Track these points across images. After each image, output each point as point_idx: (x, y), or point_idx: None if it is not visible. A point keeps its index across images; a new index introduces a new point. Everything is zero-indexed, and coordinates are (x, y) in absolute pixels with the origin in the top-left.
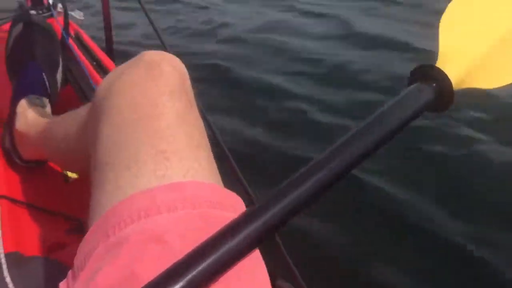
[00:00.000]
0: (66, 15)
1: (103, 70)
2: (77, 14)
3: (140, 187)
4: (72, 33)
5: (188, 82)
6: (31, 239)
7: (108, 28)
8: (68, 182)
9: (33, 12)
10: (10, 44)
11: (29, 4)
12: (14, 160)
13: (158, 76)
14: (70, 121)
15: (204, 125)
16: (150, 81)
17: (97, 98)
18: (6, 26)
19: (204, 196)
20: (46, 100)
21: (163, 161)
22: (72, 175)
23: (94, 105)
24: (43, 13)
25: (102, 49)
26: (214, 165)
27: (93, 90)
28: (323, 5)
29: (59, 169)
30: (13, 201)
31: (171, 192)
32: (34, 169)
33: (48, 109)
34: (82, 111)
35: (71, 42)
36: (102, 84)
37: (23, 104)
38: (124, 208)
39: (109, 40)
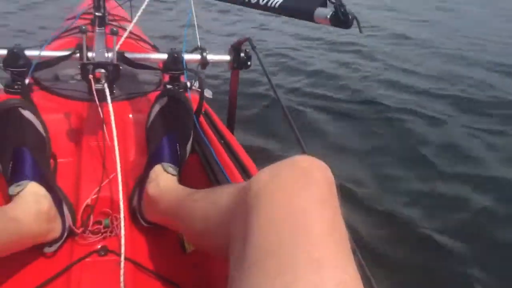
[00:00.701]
0: (201, 95)
1: (227, 146)
2: (207, 93)
3: None
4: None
5: (335, 189)
6: None
7: (232, 108)
8: (186, 252)
9: (170, 87)
10: (153, 115)
11: (167, 79)
12: (138, 219)
13: (309, 183)
14: (209, 203)
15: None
16: (302, 187)
17: (248, 195)
18: (150, 96)
19: None
20: (176, 169)
21: (317, 270)
22: (190, 246)
23: (245, 201)
24: (179, 89)
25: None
26: (359, 277)
27: (217, 162)
28: None
29: (176, 236)
30: (135, 263)
31: None
32: (154, 232)
33: (177, 177)
34: (224, 197)
35: (201, 117)
36: (255, 182)
37: (157, 169)
38: None
39: (231, 118)
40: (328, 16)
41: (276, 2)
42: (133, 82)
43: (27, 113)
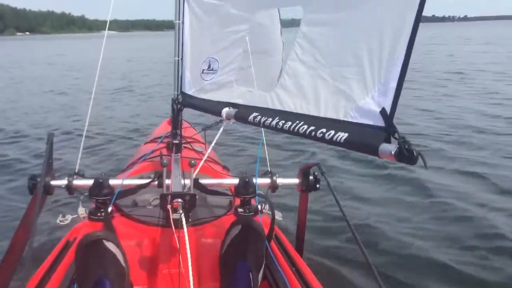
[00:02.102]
0: (273, 221)
1: (298, 272)
2: (277, 215)
3: None
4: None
5: None
6: None
7: (301, 230)
8: None
9: (241, 210)
10: (227, 243)
11: (238, 201)
12: None
13: None
14: None
15: None
16: None
17: None
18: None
19: None
20: None
21: None
22: None
23: None
24: (250, 212)
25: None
26: None
27: None
28: None
29: None
30: None
31: None
32: None
33: None
34: None
35: (272, 241)
36: None
37: None
38: None
39: (300, 241)
40: (393, 152)
41: (342, 137)
42: (205, 205)
43: (110, 245)
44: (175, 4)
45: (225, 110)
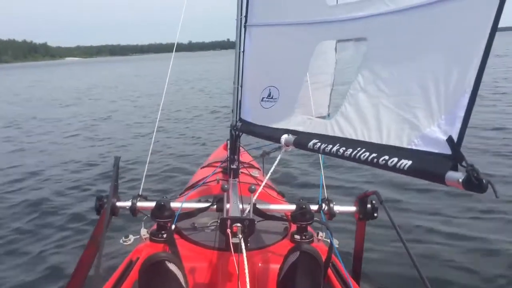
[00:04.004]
0: (330, 248)
1: None
2: (335, 243)
3: None
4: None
5: None
6: None
7: (358, 259)
8: None
9: (297, 236)
10: (285, 269)
11: (294, 227)
12: None
13: None
14: None
15: None
16: None
17: None
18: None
19: None
20: None
21: None
22: None
23: None
24: (306, 238)
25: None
26: None
27: None
28: None
29: None
30: None
31: None
32: None
33: None
34: None
35: (328, 269)
36: None
37: None
38: None
39: (357, 270)
40: (460, 180)
41: (405, 165)
42: (262, 230)
43: (172, 266)
44: (236, 34)
45: (284, 137)
